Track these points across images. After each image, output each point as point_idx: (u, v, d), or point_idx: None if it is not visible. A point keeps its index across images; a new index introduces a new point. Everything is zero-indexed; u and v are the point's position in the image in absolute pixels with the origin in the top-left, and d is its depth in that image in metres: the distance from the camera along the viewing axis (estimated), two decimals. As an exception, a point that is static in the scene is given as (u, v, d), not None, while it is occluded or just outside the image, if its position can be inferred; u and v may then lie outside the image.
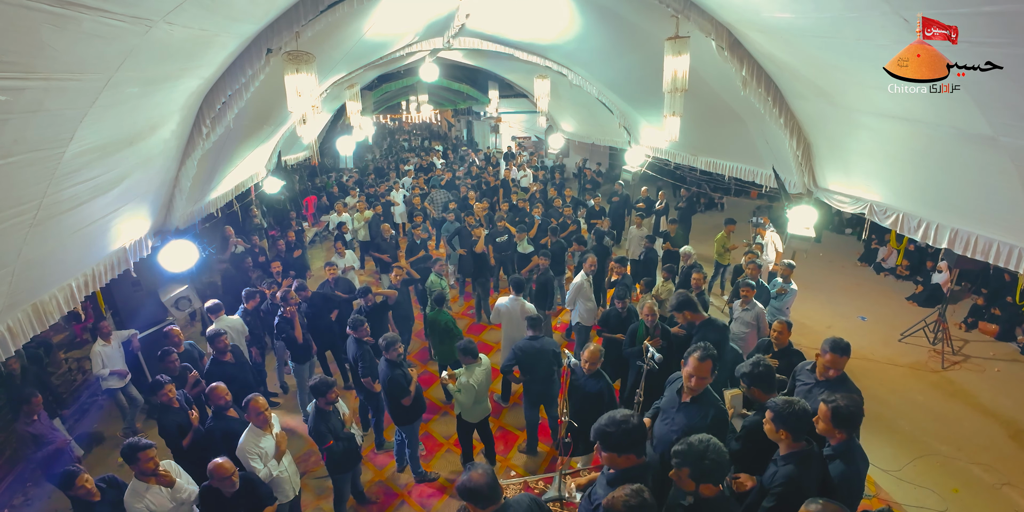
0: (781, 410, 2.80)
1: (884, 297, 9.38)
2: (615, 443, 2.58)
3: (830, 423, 2.94)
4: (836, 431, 2.96)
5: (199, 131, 4.81)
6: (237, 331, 6.06)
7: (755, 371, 3.42)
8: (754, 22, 4.45)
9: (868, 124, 4.53)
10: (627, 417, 2.60)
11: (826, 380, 3.76)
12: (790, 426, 2.77)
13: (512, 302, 6.07)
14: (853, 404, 2.95)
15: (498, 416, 6.28)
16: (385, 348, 4.75)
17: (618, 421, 2.58)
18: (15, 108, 2.27)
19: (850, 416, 2.92)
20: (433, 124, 35.16)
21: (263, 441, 3.98)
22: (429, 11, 7.56)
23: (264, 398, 4.10)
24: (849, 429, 2.98)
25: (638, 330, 5.47)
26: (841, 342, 3.67)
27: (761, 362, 3.48)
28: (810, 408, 2.84)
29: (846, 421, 2.93)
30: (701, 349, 3.16)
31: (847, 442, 3.00)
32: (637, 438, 2.59)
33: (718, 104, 6.68)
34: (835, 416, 2.91)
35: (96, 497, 3.56)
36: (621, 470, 2.65)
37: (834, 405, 2.92)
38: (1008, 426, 5.85)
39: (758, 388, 3.46)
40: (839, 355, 3.67)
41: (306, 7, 4.30)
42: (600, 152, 17.95)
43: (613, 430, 2.57)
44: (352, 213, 10.99)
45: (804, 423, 2.80)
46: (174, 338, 5.55)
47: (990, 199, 3.84)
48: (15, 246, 2.99)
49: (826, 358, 3.70)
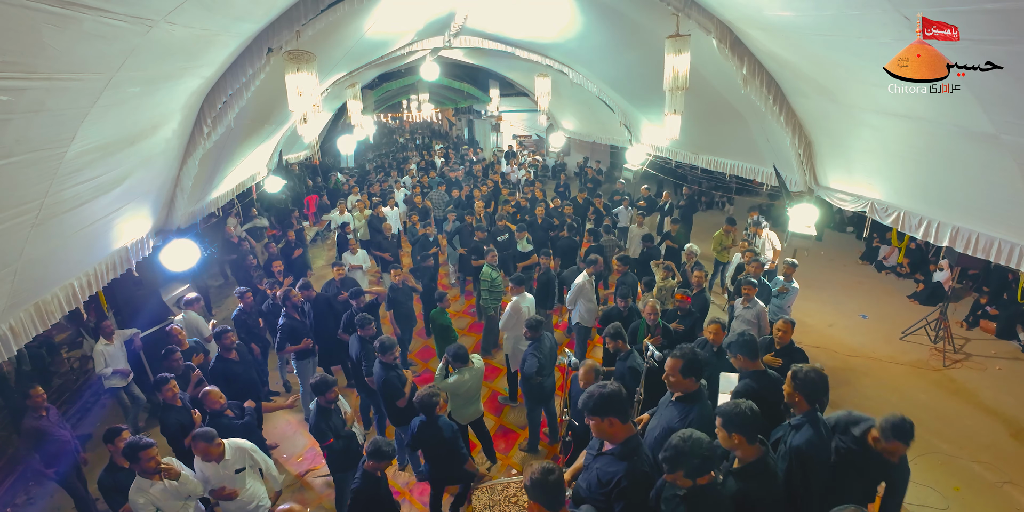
0: (727, 412, 2.78)
1: (885, 295, 9.37)
2: (594, 407, 2.72)
3: (792, 387, 3.17)
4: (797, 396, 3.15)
5: (200, 130, 4.81)
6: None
7: (740, 340, 3.91)
8: (755, 20, 4.44)
9: (869, 122, 4.52)
10: (605, 383, 2.78)
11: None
12: (742, 430, 2.75)
13: (521, 299, 6.10)
14: (816, 374, 3.16)
15: (499, 415, 6.29)
16: (381, 351, 4.74)
17: (599, 385, 2.78)
18: (17, 108, 2.28)
19: (811, 383, 3.11)
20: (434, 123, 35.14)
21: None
22: (429, 10, 7.55)
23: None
24: (811, 398, 3.15)
25: (639, 328, 5.48)
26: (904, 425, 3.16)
27: (746, 333, 3.98)
28: (756, 409, 2.80)
29: (807, 388, 3.11)
30: (679, 349, 3.28)
31: (811, 413, 3.15)
32: (616, 401, 2.71)
33: (719, 102, 6.67)
34: (794, 380, 3.16)
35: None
36: (619, 444, 2.75)
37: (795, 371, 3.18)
38: (1010, 424, 5.84)
39: (744, 355, 3.90)
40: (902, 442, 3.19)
41: (307, 6, 4.30)
42: (601, 150, 17.93)
43: (594, 391, 2.75)
44: (353, 213, 10.99)
45: (754, 424, 2.76)
46: (176, 338, 5.59)
47: (991, 197, 3.84)
48: (17, 245, 3.00)
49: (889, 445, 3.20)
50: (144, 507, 3.53)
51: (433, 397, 4.05)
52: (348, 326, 5.94)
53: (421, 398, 4.05)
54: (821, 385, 3.17)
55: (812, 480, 3.00)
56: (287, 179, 11.89)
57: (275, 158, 10.11)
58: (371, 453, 3.62)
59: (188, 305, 6.25)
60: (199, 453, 3.78)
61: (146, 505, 3.54)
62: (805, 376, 3.15)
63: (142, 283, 6.57)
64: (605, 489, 2.71)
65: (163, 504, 3.60)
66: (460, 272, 9.38)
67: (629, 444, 2.74)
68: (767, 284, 6.53)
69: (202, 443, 3.72)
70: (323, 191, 15.22)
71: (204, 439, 3.73)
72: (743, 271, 6.82)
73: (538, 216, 9.63)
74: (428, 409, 4.06)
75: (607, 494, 2.70)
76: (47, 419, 4.69)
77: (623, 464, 2.69)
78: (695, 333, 5.56)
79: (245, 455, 3.99)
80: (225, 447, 3.85)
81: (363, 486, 3.64)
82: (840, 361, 7.12)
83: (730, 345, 4.23)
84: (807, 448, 3.03)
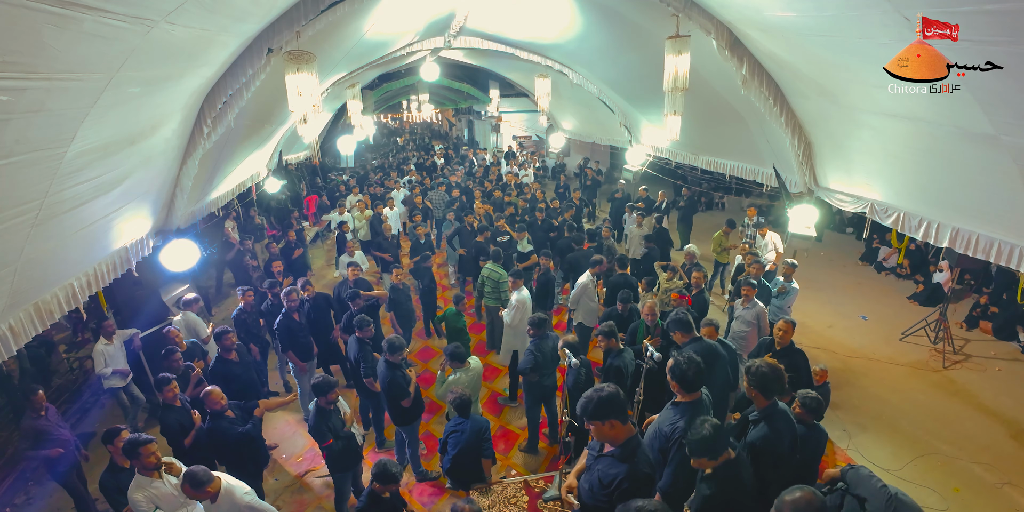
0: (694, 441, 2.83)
1: (885, 296, 9.37)
2: (593, 411, 2.69)
3: (747, 383, 3.26)
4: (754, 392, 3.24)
5: (200, 131, 4.81)
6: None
7: (675, 318, 4.43)
8: (755, 21, 4.44)
9: (869, 123, 4.52)
10: (602, 386, 2.75)
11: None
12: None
13: (521, 293, 6.11)
14: (769, 368, 3.24)
15: (499, 415, 6.29)
16: (390, 351, 4.74)
17: (595, 389, 2.75)
18: (17, 108, 2.28)
19: (763, 377, 3.20)
20: (434, 123, 35.16)
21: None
22: (429, 11, 7.55)
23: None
24: (767, 393, 3.23)
25: (639, 329, 5.48)
26: None
27: (680, 311, 4.45)
28: (719, 425, 2.85)
29: (761, 382, 3.21)
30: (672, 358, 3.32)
31: (769, 408, 3.24)
32: (614, 404, 2.69)
33: (719, 103, 6.68)
34: (748, 375, 3.25)
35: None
36: (619, 446, 2.75)
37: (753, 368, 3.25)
38: (1009, 425, 5.84)
39: (680, 331, 4.37)
40: None
41: (307, 6, 4.30)
42: (601, 151, 17.94)
43: (592, 395, 2.71)
44: (353, 213, 11.00)
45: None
46: (173, 340, 5.58)
47: (991, 198, 3.84)
48: (17, 245, 3.00)
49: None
50: (143, 504, 3.52)
51: (464, 396, 4.27)
52: (347, 327, 5.94)
53: (457, 399, 4.25)
54: (774, 379, 3.22)
55: (766, 474, 3.10)
56: (287, 179, 11.89)
57: (275, 158, 10.11)
58: (377, 476, 3.48)
59: (187, 306, 6.25)
60: (185, 492, 3.37)
61: (145, 502, 3.53)
62: (757, 370, 3.21)
63: (142, 283, 6.57)
64: (607, 490, 2.72)
65: (162, 502, 3.59)
66: (460, 273, 9.37)
67: (630, 445, 2.74)
68: (767, 285, 6.54)
69: (187, 486, 3.29)
70: (323, 191, 15.22)
71: (191, 482, 3.26)
72: (743, 272, 6.82)
73: (538, 217, 9.64)
74: (463, 409, 4.24)
75: (609, 495, 2.71)
76: (46, 419, 4.68)
77: (624, 466, 2.70)
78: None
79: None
80: (221, 489, 3.39)
81: (367, 507, 3.56)
82: (840, 362, 7.12)
83: (669, 323, 4.54)
84: (761, 444, 3.15)
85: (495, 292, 7.17)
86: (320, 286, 9.75)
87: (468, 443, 4.20)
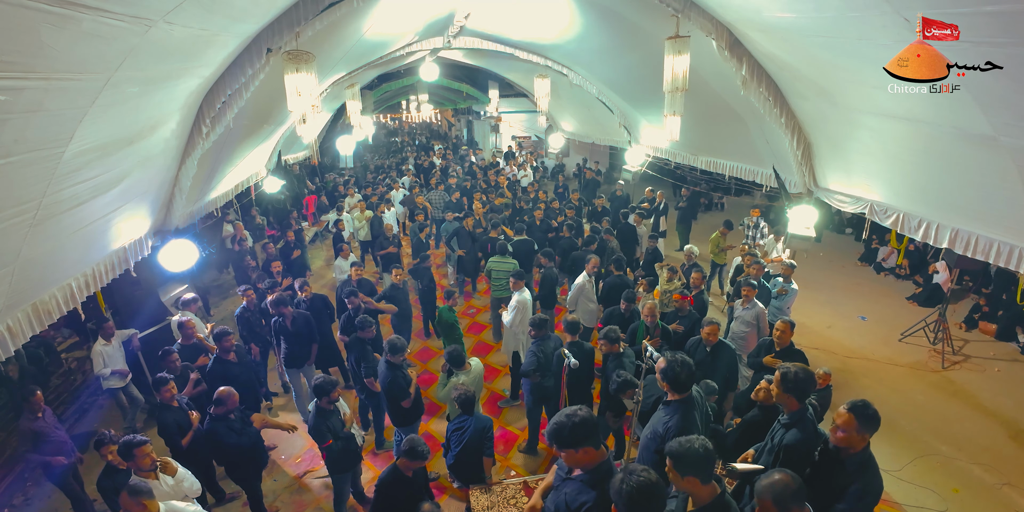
0: (676, 452, 2.54)
1: (884, 297, 9.38)
2: (569, 438, 2.56)
3: (781, 389, 3.19)
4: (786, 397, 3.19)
5: (199, 130, 4.80)
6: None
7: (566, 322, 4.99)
8: (754, 21, 4.44)
9: (869, 124, 4.52)
10: (574, 410, 2.61)
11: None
12: (695, 471, 2.52)
13: (522, 294, 6.11)
14: (806, 373, 3.18)
15: (498, 416, 6.28)
16: (391, 351, 4.74)
17: (567, 415, 2.58)
18: (15, 108, 2.27)
19: (801, 383, 3.15)
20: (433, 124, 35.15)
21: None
22: (429, 11, 7.55)
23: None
24: (802, 398, 3.20)
25: (638, 330, 5.48)
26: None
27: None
28: (710, 447, 2.53)
29: (798, 388, 3.15)
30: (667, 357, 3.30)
31: (801, 411, 3.20)
32: (588, 428, 2.57)
33: (718, 104, 6.68)
34: (784, 382, 3.17)
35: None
36: (589, 471, 2.64)
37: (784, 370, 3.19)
38: (1008, 426, 5.85)
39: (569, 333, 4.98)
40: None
41: (306, 6, 4.29)
42: (600, 152, 17.94)
43: (565, 422, 2.56)
44: (353, 213, 10.99)
45: (708, 463, 2.54)
46: (188, 330, 5.64)
47: (991, 199, 3.84)
48: (15, 246, 2.99)
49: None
50: None
51: (468, 393, 4.28)
52: (347, 328, 5.92)
53: (461, 395, 4.24)
54: (809, 382, 3.20)
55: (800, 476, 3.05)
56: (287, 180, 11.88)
57: (274, 158, 10.10)
58: (405, 451, 3.54)
59: (185, 306, 6.23)
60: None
61: None
62: (794, 376, 3.16)
63: (140, 283, 6.56)
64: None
65: None
66: (459, 273, 9.37)
67: (600, 471, 2.62)
68: (766, 286, 6.54)
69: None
70: (321, 191, 15.22)
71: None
72: (742, 273, 6.83)
73: (536, 217, 9.63)
74: (467, 406, 4.23)
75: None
76: (43, 420, 4.67)
77: (593, 493, 2.59)
78: (695, 334, 5.57)
79: None
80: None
81: (388, 478, 3.62)
82: (839, 363, 7.12)
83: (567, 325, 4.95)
84: (799, 446, 3.12)
85: (505, 283, 7.30)
86: (319, 286, 9.75)
87: (471, 440, 4.19)
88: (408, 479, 3.63)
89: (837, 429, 2.92)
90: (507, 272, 7.22)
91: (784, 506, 2.33)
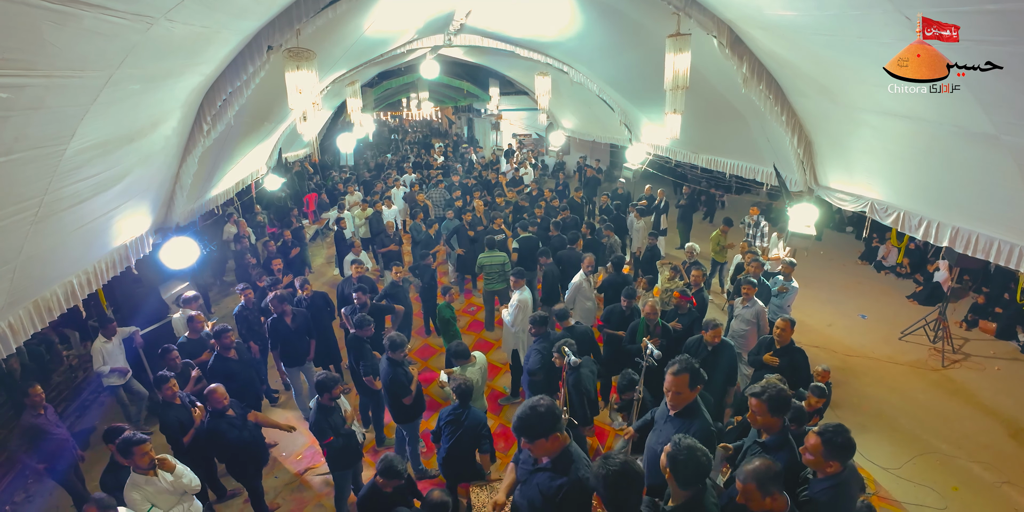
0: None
1: (885, 295, 9.38)
2: (539, 428, 2.60)
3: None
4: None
5: (200, 128, 4.80)
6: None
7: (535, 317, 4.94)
8: (756, 19, 4.44)
9: (870, 122, 4.52)
10: (537, 401, 2.65)
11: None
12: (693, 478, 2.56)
13: (524, 295, 6.11)
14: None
15: (499, 413, 6.29)
16: (391, 348, 4.74)
17: (532, 406, 2.62)
18: (16, 105, 2.27)
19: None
20: (434, 121, 35.11)
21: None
22: (429, 8, 7.54)
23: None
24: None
25: (639, 327, 5.48)
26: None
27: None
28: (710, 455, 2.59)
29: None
30: (678, 363, 3.10)
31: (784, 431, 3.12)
32: (555, 416, 2.63)
33: (719, 101, 6.67)
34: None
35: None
36: (554, 458, 2.68)
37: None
38: (1008, 424, 5.85)
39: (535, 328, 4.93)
40: None
41: (307, 4, 4.29)
42: (601, 149, 17.92)
43: (532, 414, 2.60)
44: (354, 210, 11.00)
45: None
46: (197, 324, 5.70)
47: (991, 197, 3.84)
48: (17, 243, 2.99)
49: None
50: (139, 503, 3.53)
51: (467, 383, 4.27)
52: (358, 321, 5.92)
53: (460, 385, 4.24)
54: (788, 402, 3.08)
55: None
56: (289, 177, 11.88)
57: (275, 156, 10.10)
58: (382, 470, 3.50)
59: (186, 303, 6.24)
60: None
61: (141, 501, 3.53)
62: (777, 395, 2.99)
63: (141, 281, 6.57)
64: (553, 501, 2.65)
65: (159, 500, 3.59)
66: (459, 271, 9.37)
67: (564, 458, 2.68)
68: (767, 284, 6.54)
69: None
70: (322, 189, 15.22)
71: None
72: (743, 271, 6.83)
73: (537, 215, 9.63)
74: (464, 397, 4.22)
75: (558, 506, 2.64)
76: (44, 417, 4.69)
77: (565, 477, 2.64)
78: (694, 332, 5.57)
79: None
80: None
81: (367, 496, 3.58)
82: (839, 361, 7.13)
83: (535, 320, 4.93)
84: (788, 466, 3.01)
85: (497, 276, 7.45)
86: (319, 284, 9.77)
87: (463, 436, 4.18)
88: (387, 495, 3.60)
89: (806, 451, 2.82)
90: (498, 265, 7.36)
91: (766, 489, 2.46)
